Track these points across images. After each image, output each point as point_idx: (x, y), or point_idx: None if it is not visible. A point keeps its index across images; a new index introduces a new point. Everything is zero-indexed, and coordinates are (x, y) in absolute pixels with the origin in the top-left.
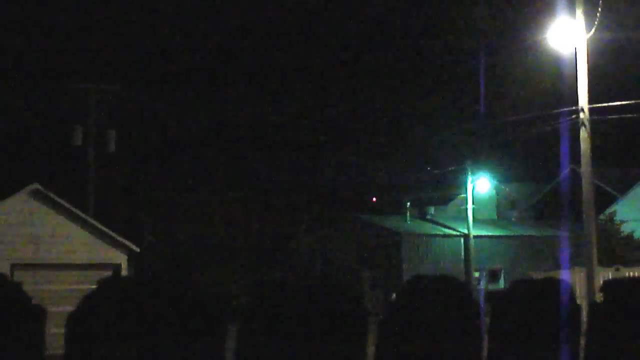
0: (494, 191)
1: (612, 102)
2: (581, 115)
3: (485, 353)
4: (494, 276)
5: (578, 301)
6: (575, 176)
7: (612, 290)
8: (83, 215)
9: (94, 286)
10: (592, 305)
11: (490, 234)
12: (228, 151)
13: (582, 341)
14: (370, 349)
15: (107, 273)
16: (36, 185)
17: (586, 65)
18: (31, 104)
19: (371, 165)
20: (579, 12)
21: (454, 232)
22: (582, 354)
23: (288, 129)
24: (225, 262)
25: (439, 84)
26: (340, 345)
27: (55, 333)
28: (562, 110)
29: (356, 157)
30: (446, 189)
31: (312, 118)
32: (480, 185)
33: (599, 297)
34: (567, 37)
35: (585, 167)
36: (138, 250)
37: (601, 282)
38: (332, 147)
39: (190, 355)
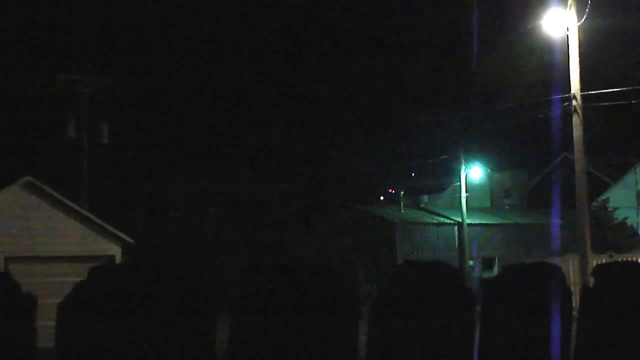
0: (487, 179)
1: (604, 89)
2: (573, 102)
3: (477, 338)
4: (488, 264)
5: (572, 287)
6: (568, 163)
7: (603, 274)
8: (76, 208)
9: None
10: (584, 289)
11: (484, 222)
12: (222, 142)
13: (574, 326)
14: (363, 337)
15: None
16: (29, 178)
17: (578, 52)
18: (23, 96)
19: (364, 154)
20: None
21: (448, 221)
22: (573, 339)
23: (281, 118)
24: (219, 253)
25: (431, 72)
26: (332, 332)
27: (49, 325)
28: (554, 97)
29: (349, 146)
30: (439, 178)
31: (305, 108)
32: (474, 173)
33: (590, 281)
34: (559, 25)
35: (578, 154)
36: (132, 241)
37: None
38: (324, 136)
39: (182, 341)
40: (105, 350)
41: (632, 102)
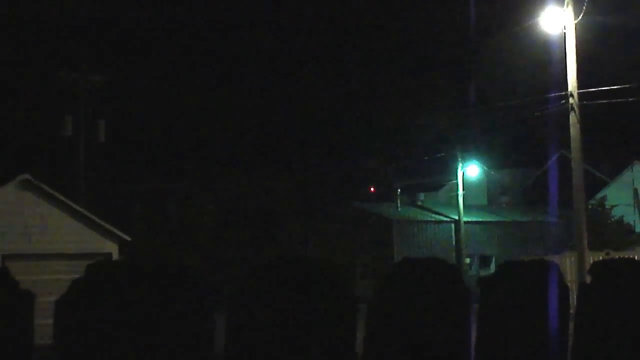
0: (484, 177)
1: (601, 87)
2: (570, 100)
3: (474, 335)
4: (485, 262)
5: (569, 285)
6: (565, 161)
7: (600, 271)
8: (74, 205)
9: None
10: (581, 286)
11: (481, 219)
12: (218, 138)
13: (571, 323)
14: (360, 334)
15: None
16: (26, 176)
17: (575, 50)
18: (21, 94)
19: (361, 152)
20: None
21: (445, 218)
22: (571, 336)
23: (278, 115)
24: (217, 250)
25: (428, 70)
26: (330, 330)
27: (47, 324)
28: (551, 95)
29: (345, 144)
30: (436, 175)
31: (303, 105)
32: (471, 171)
33: (588, 278)
34: (556, 22)
35: (575, 152)
36: (129, 239)
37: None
38: (322, 133)
39: (180, 337)
40: (102, 347)
41: (630, 99)
